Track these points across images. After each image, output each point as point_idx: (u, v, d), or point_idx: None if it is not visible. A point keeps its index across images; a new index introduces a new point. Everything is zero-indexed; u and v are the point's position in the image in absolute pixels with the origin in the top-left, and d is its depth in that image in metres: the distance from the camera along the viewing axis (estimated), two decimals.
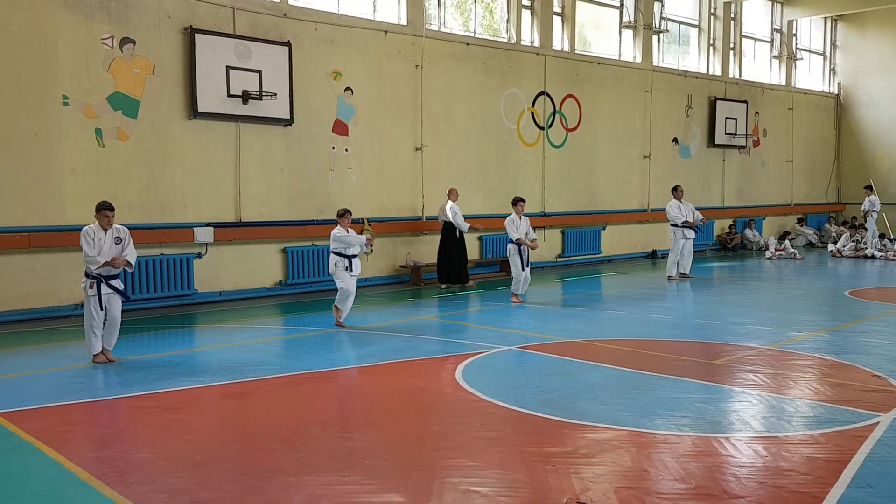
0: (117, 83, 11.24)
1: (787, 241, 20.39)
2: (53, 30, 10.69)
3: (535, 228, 16.87)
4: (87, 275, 7.94)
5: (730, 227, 21.91)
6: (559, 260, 17.72)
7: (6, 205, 10.45)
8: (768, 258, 19.52)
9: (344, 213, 10.20)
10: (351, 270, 10.04)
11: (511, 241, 12.16)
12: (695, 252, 15.72)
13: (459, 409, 6.31)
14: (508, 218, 12.22)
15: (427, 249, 15.00)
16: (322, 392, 7.06)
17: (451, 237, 14.08)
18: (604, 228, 18.68)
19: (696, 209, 15.58)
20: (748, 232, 22.05)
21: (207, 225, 12.16)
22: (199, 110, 11.86)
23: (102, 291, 7.90)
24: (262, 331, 10.13)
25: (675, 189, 15.54)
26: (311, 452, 5.28)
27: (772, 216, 23.72)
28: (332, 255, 10.12)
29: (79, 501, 4.50)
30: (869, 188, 22.44)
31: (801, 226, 23.73)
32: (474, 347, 8.71)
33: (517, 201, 12.28)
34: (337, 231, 10.06)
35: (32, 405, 6.52)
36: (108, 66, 11.16)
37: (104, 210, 7.95)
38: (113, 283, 8.01)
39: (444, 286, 14.06)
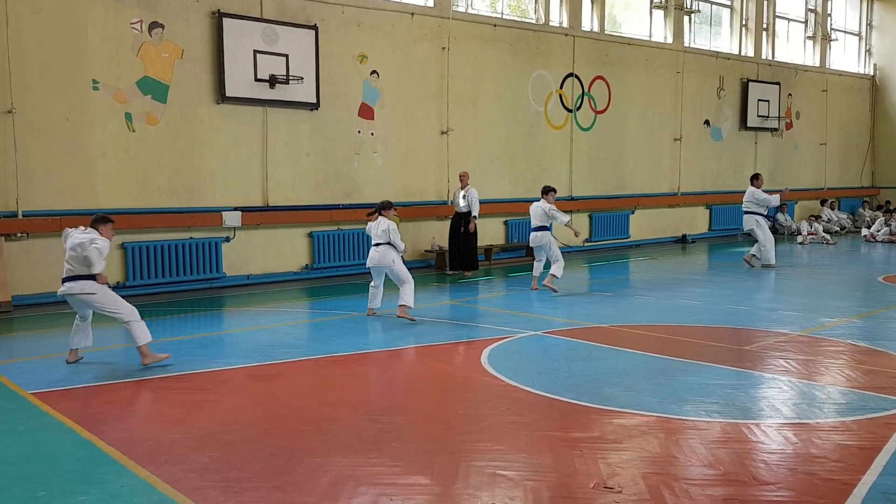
0: (146, 68, 11.32)
1: (819, 225, 20.08)
2: (83, 14, 10.77)
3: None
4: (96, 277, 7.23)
5: None
6: (587, 245, 17.60)
7: (38, 188, 10.60)
8: (800, 242, 19.25)
9: (388, 206, 9.76)
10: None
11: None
12: (725, 237, 15.48)
13: (485, 394, 6.31)
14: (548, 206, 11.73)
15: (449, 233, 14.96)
16: (349, 375, 7.10)
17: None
18: (633, 212, 18.52)
19: (725, 193, 15.33)
20: (780, 216, 21.73)
21: (235, 209, 12.24)
22: (227, 95, 11.91)
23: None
24: (289, 314, 10.20)
25: (756, 177, 15.10)
26: (338, 434, 5.31)
27: (804, 200, 23.35)
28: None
29: (111, 480, 4.57)
30: None
31: (832, 209, 23.33)
32: (500, 332, 8.70)
33: (549, 191, 11.86)
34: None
35: (65, 386, 6.64)
36: (138, 50, 11.23)
37: (109, 223, 7.48)
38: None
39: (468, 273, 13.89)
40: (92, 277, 7.16)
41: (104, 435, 5.30)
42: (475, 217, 13.59)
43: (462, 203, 13.64)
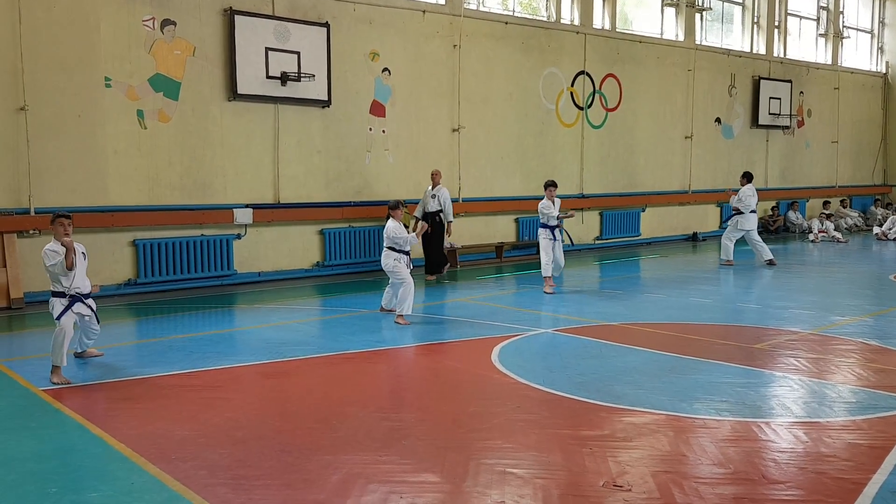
0: (158, 65, 11.37)
1: (829, 223, 19.95)
2: (96, 11, 10.83)
3: (571, 210, 16.81)
4: (57, 294, 6.87)
5: (773, 209, 21.51)
6: (597, 242, 17.58)
7: (50, 185, 10.66)
8: (811, 241, 19.15)
9: (397, 206, 9.42)
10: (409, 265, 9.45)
11: (543, 226, 11.65)
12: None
13: (495, 391, 6.32)
14: (543, 202, 11.71)
15: (462, 231, 14.97)
16: (359, 372, 7.12)
17: (436, 224, 12.93)
18: (643, 210, 18.47)
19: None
20: (791, 214, 21.63)
21: (247, 206, 12.28)
22: (239, 92, 11.94)
23: (84, 312, 7.03)
24: (300, 311, 10.23)
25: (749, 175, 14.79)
26: (348, 431, 5.33)
27: (816, 198, 23.23)
28: (387, 251, 9.37)
29: (122, 477, 4.60)
30: None
31: (844, 207, 23.20)
32: (510, 330, 8.70)
33: (549, 185, 11.76)
34: (392, 226, 9.33)
35: (77, 383, 6.68)
36: (150, 47, 11.28)
37: (61, 219, 6.85)
38: (89, 302, 7.08)
39: (434, 278, 13.02)
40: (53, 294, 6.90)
41: (115, 432, 5.34)
42: (450, 222, 12.95)
43: (432, 203, 12.91)
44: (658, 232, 18.96)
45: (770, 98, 21.04)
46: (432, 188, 13.00)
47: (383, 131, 13.81)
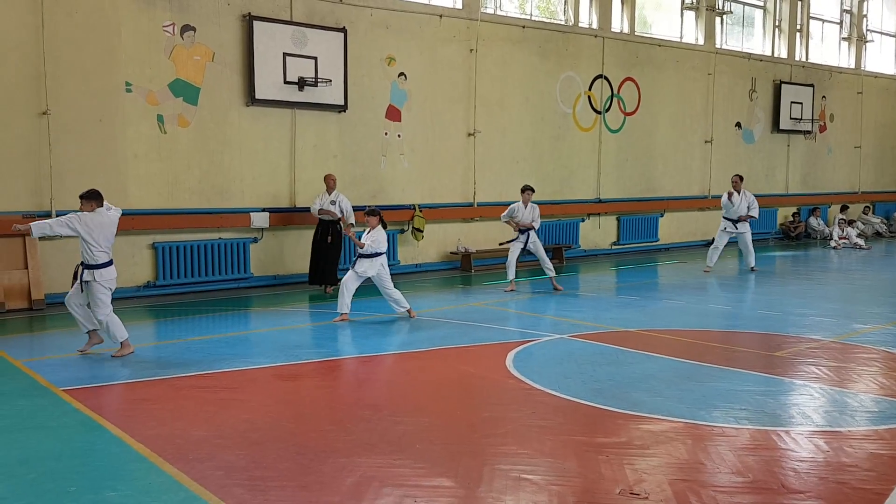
0: (178, 70, 11.45)
1: (851, 230, 19.73)
2: (116, 17, 10.93)
3: (588, 215, 16.84)
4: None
5: (793, 215, 21.33)
6: (614, 248, 17.49)
7: (71, 189, 10.71)
8: (833, 247, 18.96)
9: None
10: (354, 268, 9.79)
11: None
12: (756, 241, 15.21)
13: (510, 397, 6.29)
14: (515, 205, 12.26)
15: (479, 236, 14.95)
16: (373, 376, 7.12)
17: (336, 234, 11.99)
18: (661, 215, 18.36)
19: (757, 197, 14.95)
20: (812, 220, 21.43)
21: (263, 210, 12.34)
22: (257, 97, 12.01)
23: (85, 278, 7.62)
24: (315, 314, 10.26)
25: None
26: (362, 434, 5.33)
27: (838, 204, 22.98)
28: (375, 259, 10.00)
29: (139, 477, 4.62)
30: None
31: (867, 214, 22.95)
32: (525, 335, 8.67)
33: (524, 189, 12.30)
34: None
35: (95, 383, 6.73)
36: (170, 53, 11.37)
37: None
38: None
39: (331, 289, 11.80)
40: (101, 266, 7.60)
41: (133, 432, 5.37)
42: (352, 224, 11.87)
43: (333, 210, 11.87)
44: (677, 237, 18.85)
45: (791, 102, 20.87)
46: (329, 194, 11.93)
47: (399, 136, 13.83)
